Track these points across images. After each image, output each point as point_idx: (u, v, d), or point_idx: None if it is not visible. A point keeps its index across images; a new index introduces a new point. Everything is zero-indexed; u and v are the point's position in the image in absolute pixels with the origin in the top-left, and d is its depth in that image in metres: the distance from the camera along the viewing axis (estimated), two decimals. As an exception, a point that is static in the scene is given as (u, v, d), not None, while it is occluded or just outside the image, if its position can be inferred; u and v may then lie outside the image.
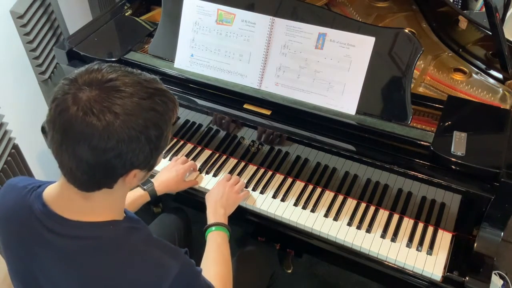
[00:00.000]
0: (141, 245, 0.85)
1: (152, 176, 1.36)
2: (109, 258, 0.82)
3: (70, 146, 0.74)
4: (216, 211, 1.23)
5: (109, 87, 0.75)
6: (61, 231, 0.82)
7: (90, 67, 0.79)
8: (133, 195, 1.25)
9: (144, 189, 1.27)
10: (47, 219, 0.83)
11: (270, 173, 1.42)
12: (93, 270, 0.82)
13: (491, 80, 1.42)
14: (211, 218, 1.21)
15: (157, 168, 1.41)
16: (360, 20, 1.44)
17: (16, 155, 1.69)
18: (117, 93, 0.74)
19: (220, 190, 1.28)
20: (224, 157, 1.47)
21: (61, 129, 0.74)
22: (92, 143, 0.73)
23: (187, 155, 1.48)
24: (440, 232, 1.25)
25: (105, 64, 0.80)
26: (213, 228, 1.18)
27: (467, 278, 1.12)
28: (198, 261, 1.10)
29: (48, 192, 0.86)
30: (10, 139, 1.66)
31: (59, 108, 0.74)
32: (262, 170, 1.43)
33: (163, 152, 0.89)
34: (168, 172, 1.35)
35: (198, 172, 1.42)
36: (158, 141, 0.80)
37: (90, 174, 0.77)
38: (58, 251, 0.83)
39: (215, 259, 1.11)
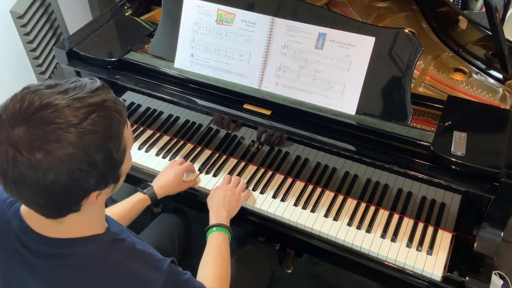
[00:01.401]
0: (122, 259, 0.82)
1: (152, 178, 1.36)
2: (89, 275, 0.80)
3: (13, 188, 0.71)
4: (218, 213, 1.22)
5: (36, 119, 0.67)
6: (39, 249, 0.80)
7: (15, 96, 0.71)
8: (133, 200, 1.25)
9: (144, 193, 1.27)
10: (24, 235, 0.81)
11: (270, 173, 1.42)
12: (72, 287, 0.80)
13: (491, 80, 1.42)
14: (213, 219, 1.21)
15: (157, 168, 1.43)
16: (360, 20, 1.44)
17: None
18: (47, 126, 0.67)
19: (222, 194, 1.28)
20: (224, 157, 1.47)
21: None
22: (30, 184, 0.69)
23: (187, 155, 1.48)
24: (440, 232, 1.25)
25: (33, 86, 0.72)
26: (214, 228, 1.18)
27: (467, 278, 1.12)
28: (197, 261, 1.11)
29: (25, 208, 0.82)
30: (10, 139, 1.65)
31: None
32: (262, 170, 1.43)
33: (130, 154, 0.82)
34: (167, 174, 1.34)
35: (197, 172, 1.42)
36: (107, 162, 0.73)
37: (45, 209, 0.74)
38: (36, 269, 0.81)
39: (214, 259, 1.10)
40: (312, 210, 1.31)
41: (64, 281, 0.80)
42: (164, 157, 1.48)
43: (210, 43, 1.38)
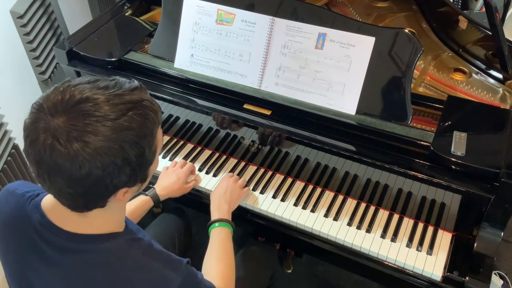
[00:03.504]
0: (141, 258, 0.82)
1: (154, 180, 1.36)
2: (109, 272, 0.80)
3: (46, 177, 0.72)
4: (220, 207, 1.22)
5: (76, 111, 0.70)
6: (59, 243, 0.80)
7: (57, 88, 0.73)
8: (136, 203, 1.25)
9: (146, 195, 1.27)
10: (45, 230, 0.81)
11: (270, 173, 1.42)
12: (91, 284, 0.80)
13: (491, 80, 1.42)
14: (215, 214, 1.21)
15: (157, 168, 1.43)
16: (360, 20, 1.44)
17: (16, 155, 1.69)
18: (86, 118, 0.69)
19: (224, 185, 1.28)
20: (224, 157, 1.47)
21: (34, 161, 0.71)
22: (64, 174, 0.70)
23: (187, 155, 1.48)
24: (440, 232, 1.25)
25: (75, 81, 0.74)
26: (217, 224, 1.18)
27: (467, 278, 1.12)
28: (199, 261, 1.10)
29: (47, 202, 0.84)
30: (10, 139, 1.66)
31: (29, 139, 0.71)
32: (262, 170, 1.43)
33: (158, 156, 0.85)
34: (169, 177, 1.34)
35: (197, 173, 1.42)
36: (139, 159, 0.75)
37: (74, 200, 0.75)
38: (55, 263, 0.81)
39: (218, 256, 1.10)
40: (312, 210, 1.31)
41: (84, 277, 0.81)
42: (164, 157, 1.48)
43: (210, 43, 1.38)
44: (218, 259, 1.09)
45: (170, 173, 1.35)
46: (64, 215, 0.80)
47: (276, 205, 1.33)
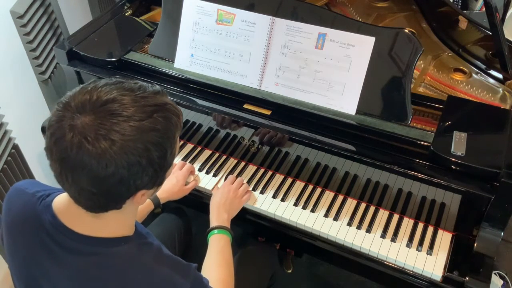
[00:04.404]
0: (152, 263, 0.82)
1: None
2: (119, 276, 0.80)
3: (69, 175, 0.72)
4: (219, 215, 1.22)
5: (104, 110, 0.71)
6: (70, 245, 0.80)
7: (84, 88, 0.75)
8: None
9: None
10: (56, 231, 0.81)
11: (270, 173, 1.42)
12: (100, 286, 0.81)
13: (491, 80, 1.42)
14: (213, 221, 1.21)
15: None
16: (360, 20, 1.44)
17: (16, 155, 1.69)
18: (114, 118, 0.71)
19: (224, 195, 1.28)
20: (224, 157, 1.47)
21: (58, 159, 0.72)
22: (90, 172, 0.71)
23: (187, 155, 1.48)
24: (440, 232, 1.25)
25: (101, 82, 0.76)
26: (216, 231, 1.18)
27: (467, 278, 1.12)
28: (199, 261, 1.10)
29: (58, 203, 0.84)
30: (10, 139, 1.66)
31: (54, 137, 0.71)
32: (262, 170, 1.43)
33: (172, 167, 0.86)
34: (168, 180, 1.32)
35: (197, 174, 1.42)
36: (162, 160, 0.76)
37: (95, 200, 0.75)
38: (65, 265, 0.81)
39: (217, 263, 1.10)
40: (312, 210, 1.31)
41: (93, 280, 0.81)
42: (164, 157, 1.48)
43: (210, 43, 1.38)
44: (218, 265, 1.09)
45: (169, 176, 1.35)
46: (77, 217, 0.80)
47: (276, 205, 1.33)
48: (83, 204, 0.77)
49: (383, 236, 1.24)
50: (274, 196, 1.35)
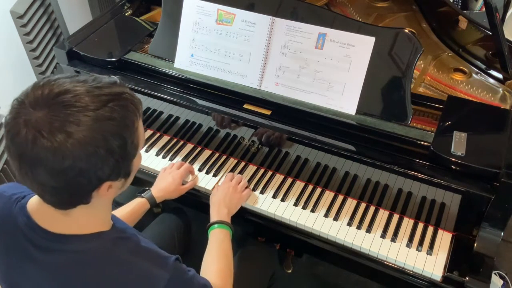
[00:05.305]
0: (128, 257, 0.82)
1: (153, 181, 1.37)
2: (95, 272, 0.80)
3: (29, 171, 0.72)
4: (220, 211, 1.23)
5: (57, 103, 0.70)
6: (46, 245, 0.80)
7: (37, 83, 0.74)
8: (132, 205, 1.24)
9: (142, 197, 1.27)
10: (31, 232, 0.81)
11: (270, 173, 1.42)
12: (78, 284, 0.80)
13: (491, 80, 1.42)
14: (214, 216, 1.22)
15: (157, 168, 1.43)
16: (360, 20, 1.44)
17: (16, 155, 1.69)
18: (67, 109, 0.70)
19: (224, 191, 1.28)
20: (224, 157, 1.47)
21: (16, 156, 0.71)
22: (47, 166, 0.70)
23: (187, 155, 1.48)
24: (440, 232, 1.25)
25: (55, 76, 0.75)
26: (216, 225, 1.18)
27: (467, 278, 1.12)
28: (198, 261, 1.10)
29: (32, 203, 0.84)
30: (10, 139, 1.66)
31: (10, 134, 0.71)
32: (262, 170, 1.43)
33: (140, 151, 0.85)
34: (164, 178, 1.34)
35: (196, 174, 1.42)
36: (122, 150, 0.75)
37: (58, 196, 0.75)
38: (42, 265, 0.81)
39: (217, 255, 1.11)
40: (312, 210, 1.31)
41: (71, 277, 0.80)
42: (164, 157, 1.48)
43: (210, 43, 1.38)
44: (217, 258, 1.10)
45: (166, 174, 1.35)
46: (49, 216, 0.80)
47: (276, 205, 1.33)
48: (49, 201, 0.77)
49: (383, 236, 1.24)
50: (274, 196, 1.35)
